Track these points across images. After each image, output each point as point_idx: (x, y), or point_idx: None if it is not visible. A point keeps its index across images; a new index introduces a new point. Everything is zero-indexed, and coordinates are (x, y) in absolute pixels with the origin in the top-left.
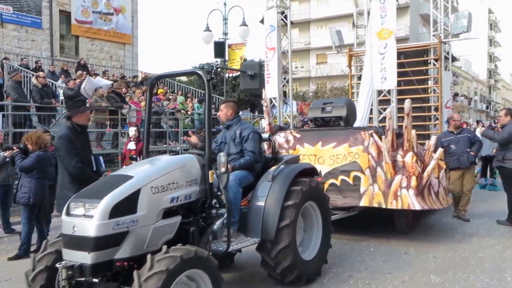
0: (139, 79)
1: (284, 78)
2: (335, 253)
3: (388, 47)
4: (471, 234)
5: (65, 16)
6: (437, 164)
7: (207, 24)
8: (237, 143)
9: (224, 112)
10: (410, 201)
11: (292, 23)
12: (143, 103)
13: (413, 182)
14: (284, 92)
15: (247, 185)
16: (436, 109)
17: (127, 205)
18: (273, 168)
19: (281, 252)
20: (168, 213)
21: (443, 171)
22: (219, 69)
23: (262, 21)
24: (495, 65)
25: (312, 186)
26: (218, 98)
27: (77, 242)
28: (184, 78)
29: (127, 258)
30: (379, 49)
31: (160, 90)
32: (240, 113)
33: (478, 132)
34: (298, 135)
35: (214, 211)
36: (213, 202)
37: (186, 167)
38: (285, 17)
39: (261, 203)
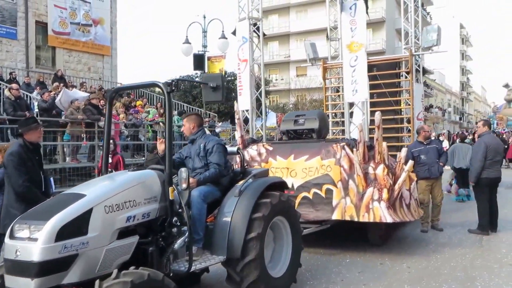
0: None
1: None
2: (312, 265)
3: (358, 59)
4: (443, 243)
5: (42, 27)
6: (408, 176)
7: (187, 36)
8: (202, 157)
9: (187, 126)
10: (381, 213)
11: (265, 35)
12: (121, 115)
13: (385, 194)
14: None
15: (213, 200)
16: (408, 121)
17: (76, 226)
18: (241, 182)
19: (252, 284)
20: (124, 233)
21: (414, 183)
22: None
23: (234, 33)
24: (467, 78)
25: (281, 200)
26: (198, 110)
27: (20, 268)
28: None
29: (77, 283)
30: (350, 61)
31: (138, 102)
32: (220, 124)
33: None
34: (270, 148)
35: (175, 229)
36: (173, 220)
37: (145, 184)
38: (258, 29)
39: (227, 219)
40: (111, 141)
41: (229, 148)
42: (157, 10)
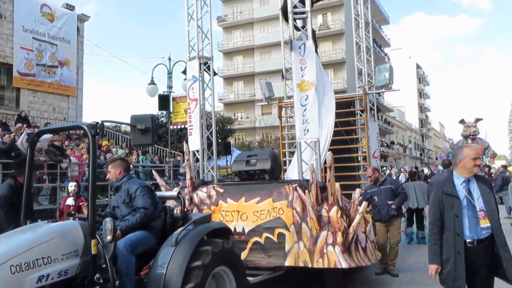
0: (82, 131)
1: (229, 130)
2: None
3: (309, 98)
4: (406, 282)
5: (6, 68)
6: (363, 218)
7: (152, 77)
8: (127, 204)
9: (112, 172)
10: (336, 258)
11: (216, 74)
12: (85, 156)
13: (339, 238)
14: (228, 143)
15: (147, 248)
16: (365, 159)
17: None
18: (179, 229)
19: None
20: None
21: (370, 224)
22: (164, 121)
23: (184, 72)
24: (426, 115)
25: (223, 248)
26: (163, 149)
27: None
28: (128, 129)
29: None
30: (300, 101)
31: (104, 142)
32: (184, 164)
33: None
34: (221, 190)
35: (97, 287)
36: (95, 277)
37: (65, 237)
38: (209, 67)
39: (161, 271)
40: (74, 183)
41: (169, 192)
42: (123, 52)
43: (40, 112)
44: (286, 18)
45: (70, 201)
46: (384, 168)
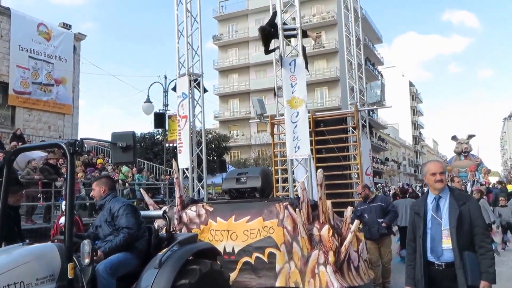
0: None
1: (225, 148)
2: None
3: (299, 115)
4: None
5: (2, 86)
6: (355, 237)
7: (148, 96)
8: (109, 223)
9: (97, 191)
10: (328, 279)
11: (206, 91)
12: (80, 174)
13: (331, 257)
14: (224, 161)
15: (129, 271)
16: (358, 176)
17: None
18: (164, 250)
19: None
20: None
21: (362, 243)
22: (160, 139)
23: (174, 89)
24: (419, 132)
25: (208, 270)
26: (159, 167)
27: None
28: None
29: None
30: (291, 117)
31: (99, 160)
32: None
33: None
34: (210, 209)
35: None
36: None
37: (40, 260)
38: (199, 84)
39: None
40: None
41: (155, 212)
42: (120, 70)
43: (36, 130)
44: (264, 37)
45: (63, 219)
46: (379, 184)
